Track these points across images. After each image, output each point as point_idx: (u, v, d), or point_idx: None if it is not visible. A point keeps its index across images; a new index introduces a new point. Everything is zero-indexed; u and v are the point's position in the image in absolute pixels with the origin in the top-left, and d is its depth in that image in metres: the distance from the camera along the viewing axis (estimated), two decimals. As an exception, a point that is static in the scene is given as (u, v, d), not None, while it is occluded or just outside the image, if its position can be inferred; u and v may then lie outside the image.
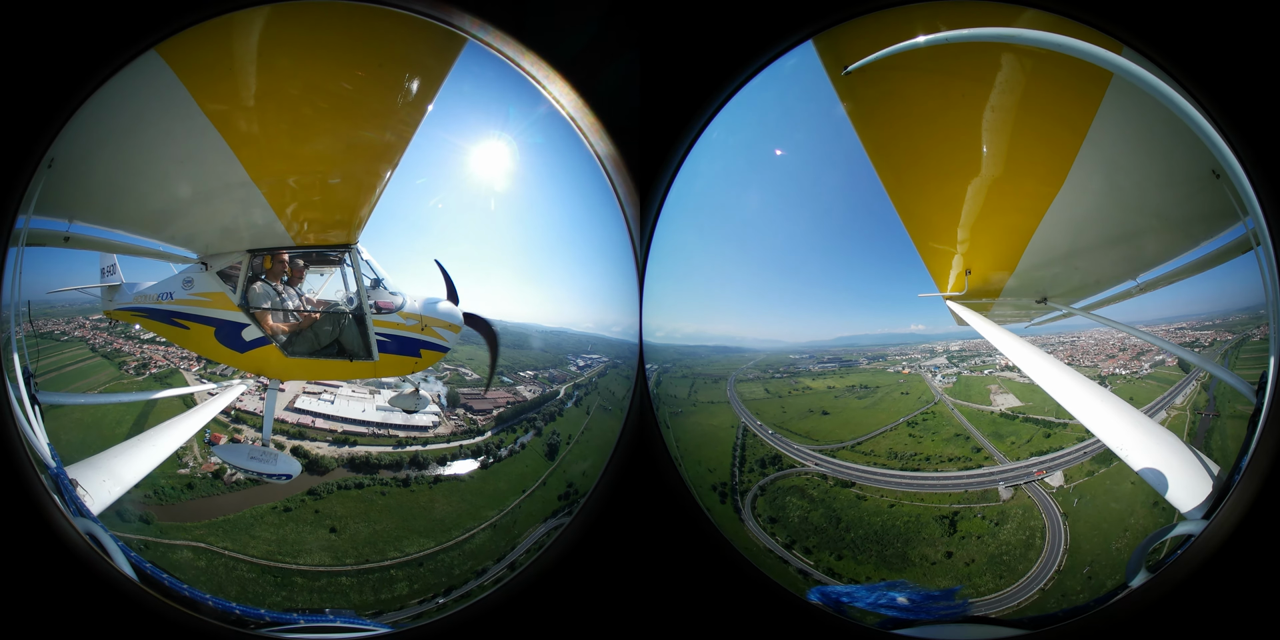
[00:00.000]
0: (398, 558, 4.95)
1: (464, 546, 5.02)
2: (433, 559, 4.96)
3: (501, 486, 5.25)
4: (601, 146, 4.09)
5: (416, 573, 4.92)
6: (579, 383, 5.55)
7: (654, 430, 4.15)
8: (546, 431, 5.47)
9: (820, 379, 5.76)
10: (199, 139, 4.06)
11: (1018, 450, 5.15)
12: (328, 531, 5.03)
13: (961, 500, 5.09)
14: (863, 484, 5.28)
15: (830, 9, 3.70)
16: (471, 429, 5.48)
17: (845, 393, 5.73)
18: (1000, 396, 5.46)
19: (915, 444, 5.38)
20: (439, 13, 3.77)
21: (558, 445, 5.38)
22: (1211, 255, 4.04)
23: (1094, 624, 3.32)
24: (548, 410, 5.57)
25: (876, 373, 5.67)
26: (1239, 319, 4.20)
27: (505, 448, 5.41)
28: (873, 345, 5.62)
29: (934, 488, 5.17)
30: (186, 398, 5.19)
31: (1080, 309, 4.84)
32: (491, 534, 5.05)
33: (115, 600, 3.38)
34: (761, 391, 5.79)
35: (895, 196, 4.56)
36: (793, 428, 5.62)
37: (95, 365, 5.03)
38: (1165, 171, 3.87)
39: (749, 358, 5.74)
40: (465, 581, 4.89)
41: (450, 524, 5.08)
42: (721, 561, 3.94)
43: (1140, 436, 3.88)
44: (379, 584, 4.87)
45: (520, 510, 5.13)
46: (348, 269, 5.01)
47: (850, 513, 5.16)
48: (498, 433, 5.46)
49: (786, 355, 5.75)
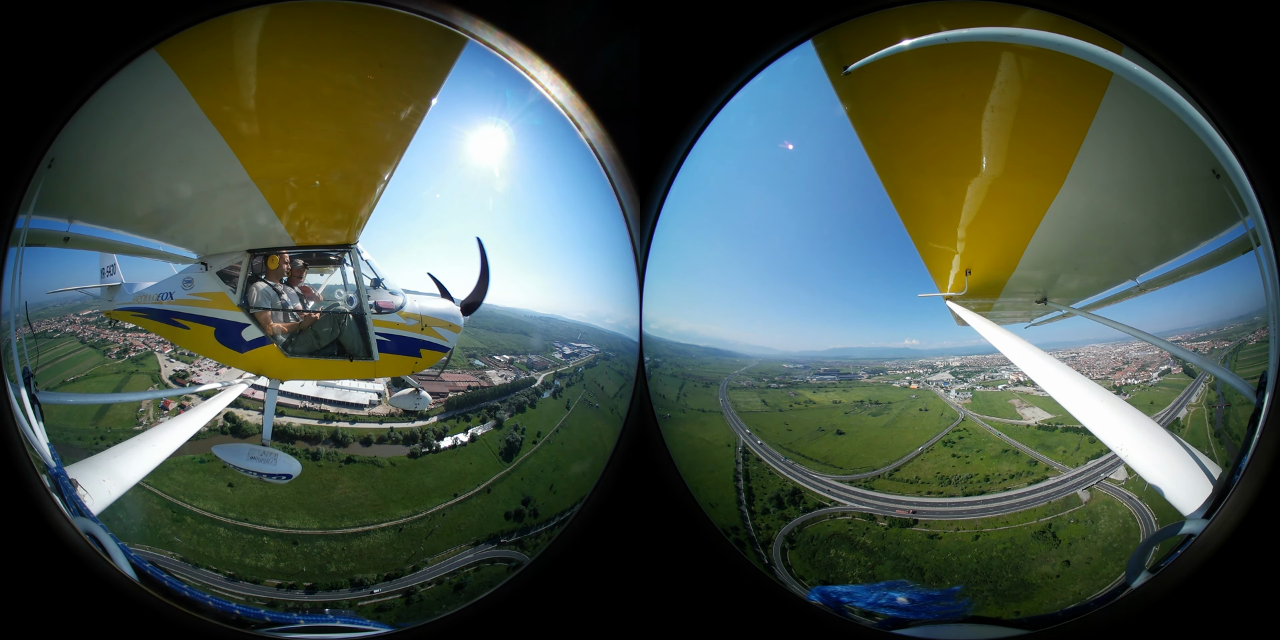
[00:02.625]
0: (275, 527, 4.64)
1: (351, 542, 4.55)
2: (309, 542, 4.60)
3: (428, 483, 4.63)
4: (600, 144, 4.09)
5: (288, 550, 4.61)
6: (562, 372, 5.03)
7: (653, 427, 4.14)
8: (508, 425, 4.79)
9: (822, 392, 5.19)
10: (199, 139, 4.06)
11: (1074, 457, 4.72)
12: (225, 485, 4.79)
13: (1048, 512, 4.56)
14: (927, 520, 4.49)
15: (830, 9, 3.70)
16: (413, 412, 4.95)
17: (855, 409, 5.15)
18: (1027, 410, 5.05)
19: (964, 465, 4.76)
20: (439, 12, 3.78)
21: (519, 444, 4.66)
22: (1211, 255, 4.04)
23: (1094, 624, 3.32)
24: (516, 400, 4.85)
25: (881, 387, 5.20)
26: (1234, 328, 4.14)
27: (448, 438, 4.69)
28: (867, 358, 5.20)
29: (1014, 507, 4.60)
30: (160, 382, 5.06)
31: (1080, 309, 4.84)
32: (393, 538, 4.50)
33: (115, 600, 3.38)
34: (758, 403, 5.19)
35: (895, 196, 4.56)
36: (805, 451, 4.85)
37: (83, 354, 4.97)
38: (1165, 171, 3.87)
39: (741, 363, 5.23)
40: (335, 586, 4.42)
41: (344, 511, 4.62)
42: (721, 561, 3.94)
43: (1140, 436, 3.88)
44: (248, 547, 4.60)
45: (443, 518, 4.48)
46: (348, 269, 5.02)
47: (930, 557, 4.33)
48: (444, 419, 4.82)
49: (779, 364, 5.26)
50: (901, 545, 4.45)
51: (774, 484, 4.71)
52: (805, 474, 4.74)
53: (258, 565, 4.56)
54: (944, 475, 4.70)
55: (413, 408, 5.37)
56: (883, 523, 4.50)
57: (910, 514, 4.45)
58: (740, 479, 4.70)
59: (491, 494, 4.54)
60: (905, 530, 4.49)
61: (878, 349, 5.10)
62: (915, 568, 4.34)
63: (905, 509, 4.46)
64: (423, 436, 4.81)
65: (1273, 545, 3.13)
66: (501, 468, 4.63)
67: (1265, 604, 3.19)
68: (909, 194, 4.56)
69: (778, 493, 4.60)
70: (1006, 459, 4.83)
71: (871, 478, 4.72)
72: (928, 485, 4.67)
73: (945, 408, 5.11)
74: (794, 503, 4.53)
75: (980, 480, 4.69)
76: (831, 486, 4.65)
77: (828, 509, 4.53)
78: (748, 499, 4.62)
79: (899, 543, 4.45)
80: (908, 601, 3.74)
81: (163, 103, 3.86)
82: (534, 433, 4.78)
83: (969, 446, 4.90)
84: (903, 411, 5.12)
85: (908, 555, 4.38)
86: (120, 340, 5.15)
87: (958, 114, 4.06)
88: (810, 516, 4.52)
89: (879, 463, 4.79)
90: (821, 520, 4.50)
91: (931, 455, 4.86)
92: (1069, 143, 3.92)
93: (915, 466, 4.78)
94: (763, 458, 4.80)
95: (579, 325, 4.94)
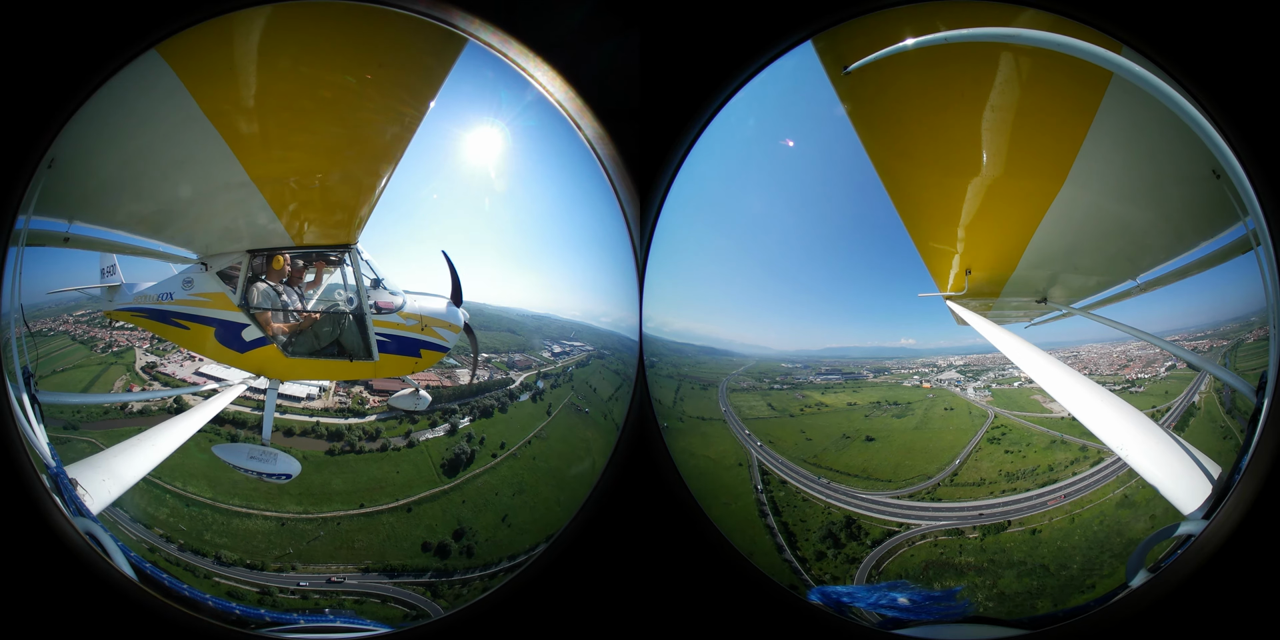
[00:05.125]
0: (177, 488, 4.53)
1: (232, 520, 4.23)
2: (199, 507, 4.48)
3: (334, 485, 4.19)
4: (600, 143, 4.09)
5: (180, 509, 4.48)
6: (548, 372, 4.58)
7: (653, 426, 4.13)
8: (462, 432, 4.22)
9: (831, 393, 4.78)
10: (199, 139, 4.06)
11: None
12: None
13: (1119, 484, 4.29)
14: (1019, 518, 4.17)
15: (830, 9, 3.70)
16: (352, 408, 4.48)
17: (874, 411, 4.75)
18: (1053, 404, 4.81)
19: (1021, 460, 4.44)
20: (438, 12, 3.78)
21: (469, 458, 3.96)
22: (1211, 255, 4.04)
23: (1094, 624, 3.32)
24: (483, 403, 4.22)
25: (892, 387, 4.88)
26: (1230, 328, 4.13)
27: (380, 440, 4.14)
28: (864, 358, 4.97)
29: (1088, 488, 4.35)
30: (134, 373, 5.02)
31: (1080, 309, 4.84)
32: (273, 529, 4.13)
33: (115, 600, 3.38)
34: (764, 407, 4.72)
35: (895, 196, 4.56)
36: (838, 464, 4.23)
37: (73, 350, 4.97)
38: (1165, 171, 3.87)
39: (737, 363, 4.92)
40: (204, 554, 4.21)
41: (238, 490, 4.32)
42: (721, 561, 3.94)
43: (1140, 436, 3.87)
44: (152, 498, 4.50)
45: (336, 528, 3.94)
46: (348, 269, 5.02)
47: (1043, 552, 4.00)
48: (384, 419, 4.36)
49: (778, 363, 4.94)
50: (1008, 550, 4.02)
51: (814, 514, 3.98)
52: (850, 494, 4.08)
53: (153, 514, 4.40)
54: (1008, 472, 4.33)
55: (412, 408, 5.36)
56: (973, 534, 4.02)
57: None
58: (767, 512, 3.95)
59: (412, 515, 3.94)
60: (1002, 535, 4.05)
61: (874, 348, 4.88)
62: (1040, 567, 3.95)
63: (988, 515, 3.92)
64: (346, 434, 4.34)
65: (1273, 545, 3.13)
66: (438, 484, 3.98)
67: (1265, 604, 3.19)
68: (909, 194, 4.57)
69: (826, 526, 3.85)
70: (1058, 448, 4.56)
71: (932, 487, 4.21)
72: (996, 484, 4.28)
73: (970, 406, 4.78)
74: (853, 536, 3.75)
75: (1045, 471, 4.36)
76: (890, 506, 4.01)
77: (901, 534, 3.90)
78: (788, 541, 3.83)
79: (1004, 549, 4.01)
80: (908, 602, 3.73)
81: (163, 103, 3.86)
82: (495, 443, 4.15)
83: (1016, 441, 4.55)
84: (927, 412, 4.75)
85: (1022, 558, 3.98)
86: (106, 337, 5.15)
87: (958, 114, 4.06)
88: (884, 549, 3.83)
89: (930, 469, 4.30)
90: (901, 551, 3.83)
91: (983, 454, 4.47)
92: (1069, 143, 3.92)
93: (974, 468, 4.36)
94: (788, 479, 4.12)
95: (573, 324, 4.64)
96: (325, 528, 4.03)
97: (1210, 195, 3.56)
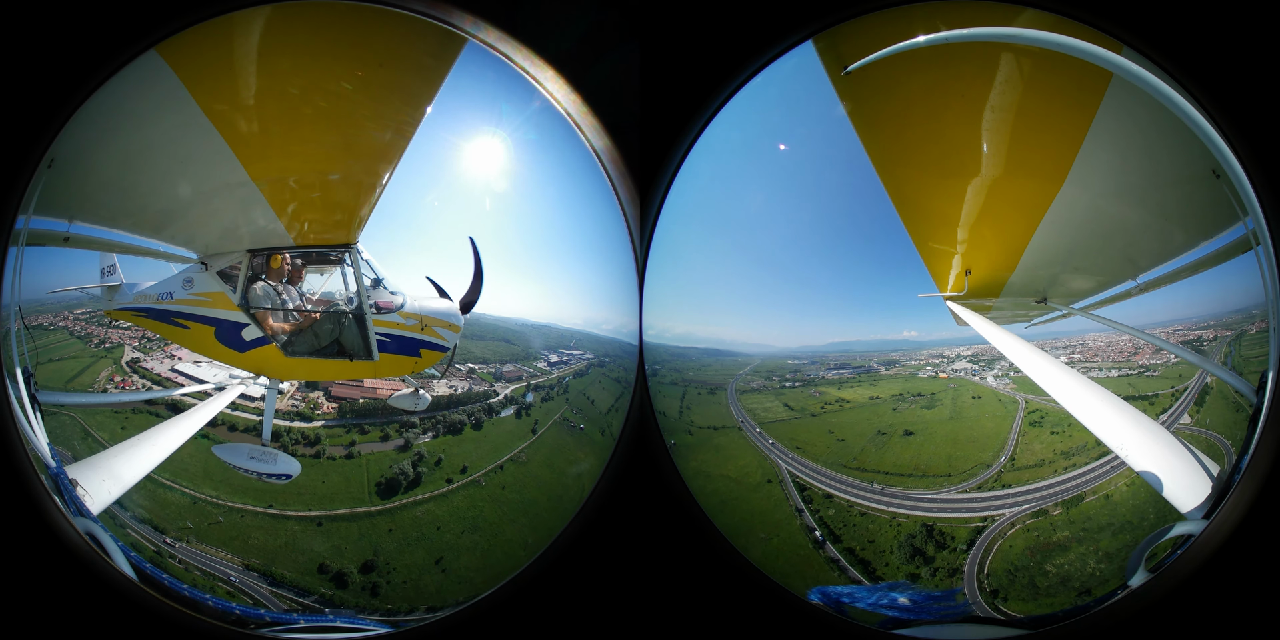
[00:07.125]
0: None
1: (157, 492, 4.16)
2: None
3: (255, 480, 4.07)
4: (601, 146, 4.09)
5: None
6: (540, 384, 4.34)
7: (653, 424, 4.12)
8: (413, 450, 3.81)
9: (848, 388, 4.64)
10: (199, 139, 4.06)
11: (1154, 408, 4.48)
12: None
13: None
14: (1092, 489, 4.15)
15: (830, 9, 3.70)
16: (300, 412, 4.22)
17: (900, 403, 4.63)
18: None
19: (1068, 439, 4.39)
20: (438, 12, 3.77)
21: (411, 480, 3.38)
22: (1211, 255, 4.05)
23: (1094, 624, 3.32)
24: (452, 419, 3.72)
25: (908, 379, 4.79)
26: (1233, 319, 4.12)
27: (317, 447, 3.82)
28: (869, 351, 4.92)
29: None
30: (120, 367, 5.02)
31: (1080, 309, 4.84)
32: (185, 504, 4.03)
33: (115, 600, 3.38)
34: (780, 408, 4.52)
35: (895, 197, 4.56)
36: (883, 466, 3.99)
37: (69, 344, 4.98)
38: (1165, 171, 3.87)
39: (743, 362, 4.82)
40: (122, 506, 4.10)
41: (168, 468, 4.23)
42: (721, 561, 3.94)
43: (1140, 436, 3.87)
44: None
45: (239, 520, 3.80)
46: (348, 268, 5.02)
47: (1123, 511, 3.99)
48: (332, 426, 4.09)
49: (784, 360, 4.84)
50: (1094, 517, 3.92)
51: (881, 530, 3.61)
52: (913, 497, 3.80)
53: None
54: (1062, 451, 4.20)
55: (411, 408, 5.36)
56: (1056, 510, 3.90)
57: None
58: (823, 539, 3.41)
59: (322, 530, 3.61)
60: (1082, 506, 3.95)
61: (877, 341, 4.80)
62: (1127, 524, 3.88)
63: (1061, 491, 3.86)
64: (284, 436, 4.15)
65: (1273, 545, 3.13)
66: (366, 504, 3.56)
67: (1265, 604, 3.19)
68: (910, 194, 4.57)
69: (904, 542, 3.49)
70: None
71: (996, 475, 4.00)
72: (1056, 463, 4.17)
73: (996, 393, 4.66)
74: (940, 545, 3.40)
75: (1095, 445, 4.25)
76: (961, 502, 3.78)
77: (989, 529, 3.69)
78: (864, 571, 3.43)
79: (1089, 516, 3.92)
80: (908, 601, 3.73)
81: (163, 103, 3.86)
82: (455, 466, 3.68)
83: (1058, 422, 4.41)
84: (955, 401, 4.61)
85: (1107, 521, 3.89)
86: (101, 333, 5.14)
87: (958, 114, 4.06)
88: (980, 549, 3.60)
89: (986, 457, 4.14)
90: (997, 545, 3.63)
91: (1030, 438, 4.35)
92: (1069, 143, 3.92)
93: (1027, 451, 4.24)
94: (834, 492, 3.66)
95: (574, 332, 4.49)
96: (229, 516, 3.89)
97: (1210, 195, 3.56)
